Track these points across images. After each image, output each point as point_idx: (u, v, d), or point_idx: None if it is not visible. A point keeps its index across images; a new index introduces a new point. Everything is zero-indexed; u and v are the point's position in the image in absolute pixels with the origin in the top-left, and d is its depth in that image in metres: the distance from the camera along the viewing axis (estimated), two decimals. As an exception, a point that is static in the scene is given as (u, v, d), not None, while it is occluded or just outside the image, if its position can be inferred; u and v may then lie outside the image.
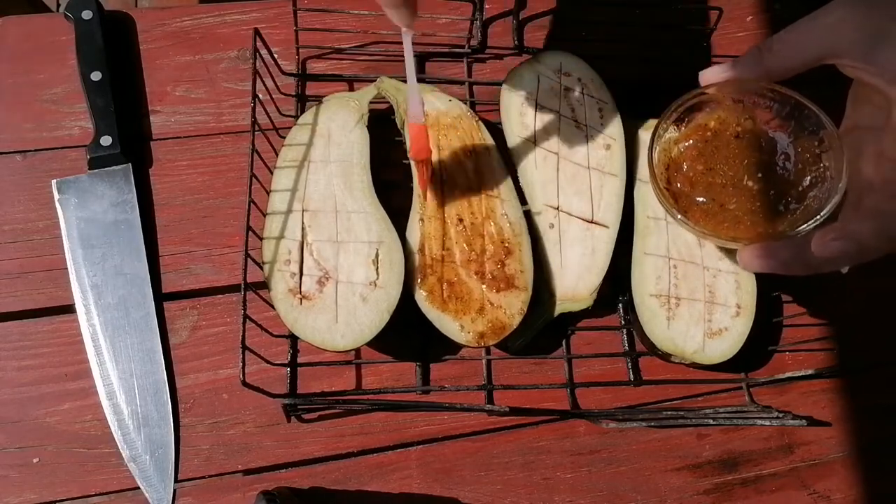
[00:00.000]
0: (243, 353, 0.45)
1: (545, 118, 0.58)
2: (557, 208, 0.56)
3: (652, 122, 0.60)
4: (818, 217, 0.47)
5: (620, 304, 0.59)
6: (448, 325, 0.52)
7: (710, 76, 0.51)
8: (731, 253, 0.57)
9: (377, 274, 0.52)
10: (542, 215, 0.56)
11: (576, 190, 0.57)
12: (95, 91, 0.57)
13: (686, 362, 0.55)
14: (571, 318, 0.57)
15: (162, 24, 0.63)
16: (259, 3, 0.65)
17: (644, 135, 0.60)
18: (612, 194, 0.57)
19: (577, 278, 0.55)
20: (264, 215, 0.53)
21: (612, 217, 0.56)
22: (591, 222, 0.56)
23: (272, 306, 0.51)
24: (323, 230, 0.53)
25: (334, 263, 0.52)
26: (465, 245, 0.54)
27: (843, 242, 0.43)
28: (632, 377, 0.57)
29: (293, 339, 0.54)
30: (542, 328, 0.56)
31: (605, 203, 0.57)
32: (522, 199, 0.57)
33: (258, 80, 0.54)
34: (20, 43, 0.61)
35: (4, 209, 0.56)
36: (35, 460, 0.51)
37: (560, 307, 0.55)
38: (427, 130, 0.51)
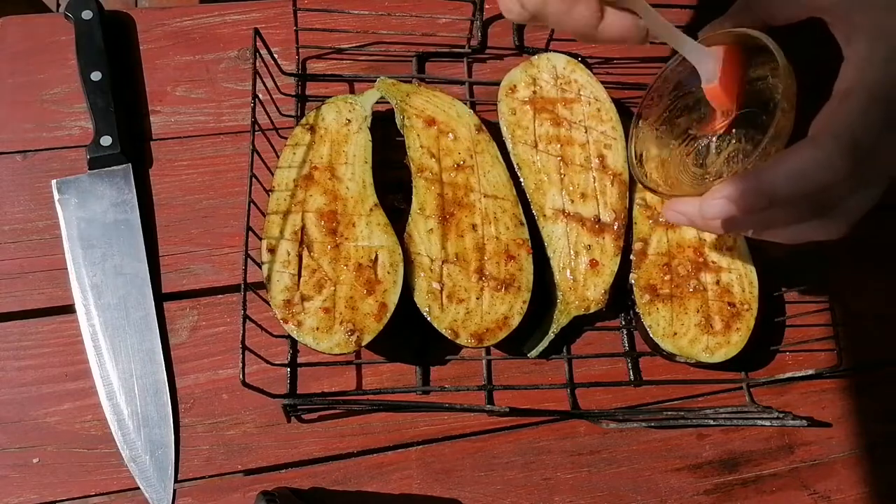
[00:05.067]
0: (243, 354, 0.45)
1: (544, 120, 0.58)
2: (563, 210, 0.56)
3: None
4: (747, 160, 0.43)
5: (620, 304, 0.58)
6: (447, 326, 0.52)
7: (708, 28, 0.48)
8: (733, 251, 0.57)
9: (376, 275, 0.52)
10: (548, 218, 0.56)
11: (579, 192, 0.57)
12: (95, 91, 0.57)
13: (691, 361, 0.55)
14: (577, 320, 0.57)
15: (162, 24, 0.63)
16: (259, 3, 0.65)
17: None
18: (616, 194, 0.57)
19: (587, 280, 0.55)
20: (264, 215, 0.53)
21: (618, 216, 0.56)
22: (598, 223, 0.56)
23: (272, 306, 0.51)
24: (323, 231, 0.53)
25: (334, 265, 0.52)
26: (465, 246, 0.54)
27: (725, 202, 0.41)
28: (632, 377, 0.57)
29: (293, 339, 0.54)
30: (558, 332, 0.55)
31: (610, 203, 0.57)
32: (524, 201, 0.57)
33: (258, 80, 0.54)
34: (20, 43, 0.61)
35: (4, 209, 0.56)
36: (35, 460, 0.51)
37: (574, 311, 0.55)
38: (722, 90, 0.46)
